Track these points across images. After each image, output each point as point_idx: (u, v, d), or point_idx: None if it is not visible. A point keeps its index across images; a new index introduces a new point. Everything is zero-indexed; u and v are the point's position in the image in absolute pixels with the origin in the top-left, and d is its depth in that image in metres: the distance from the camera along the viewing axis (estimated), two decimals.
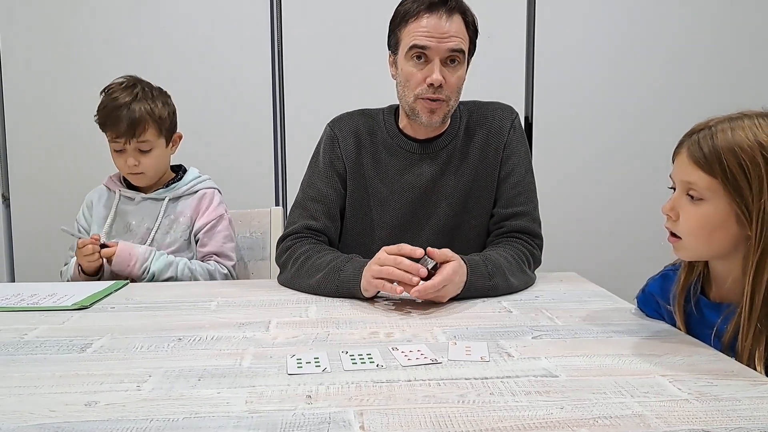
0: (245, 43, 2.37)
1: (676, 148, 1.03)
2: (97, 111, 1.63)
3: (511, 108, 1.55)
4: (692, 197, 0.98)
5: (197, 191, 1.72)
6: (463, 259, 1.26)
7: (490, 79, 2.33)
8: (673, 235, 1.02)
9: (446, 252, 1.23)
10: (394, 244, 1.23)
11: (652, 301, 1.15)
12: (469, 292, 1.26)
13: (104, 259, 1.58)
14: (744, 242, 0.96)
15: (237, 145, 2.40)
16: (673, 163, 1.04)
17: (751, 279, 0.94)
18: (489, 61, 2.35)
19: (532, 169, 1.54)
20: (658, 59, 2.46)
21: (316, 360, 0.91)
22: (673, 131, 2.47)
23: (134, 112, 1.58)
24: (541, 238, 1.49)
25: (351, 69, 2.38)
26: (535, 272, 1.45)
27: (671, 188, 1.04)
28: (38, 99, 2.35)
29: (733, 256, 0.99)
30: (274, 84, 2.40)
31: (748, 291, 0.94)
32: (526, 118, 2.47)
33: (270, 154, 2.42)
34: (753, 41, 2.47)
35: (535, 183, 1.53)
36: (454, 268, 1.21)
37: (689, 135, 1.00)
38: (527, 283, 1.39)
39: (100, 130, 1.64)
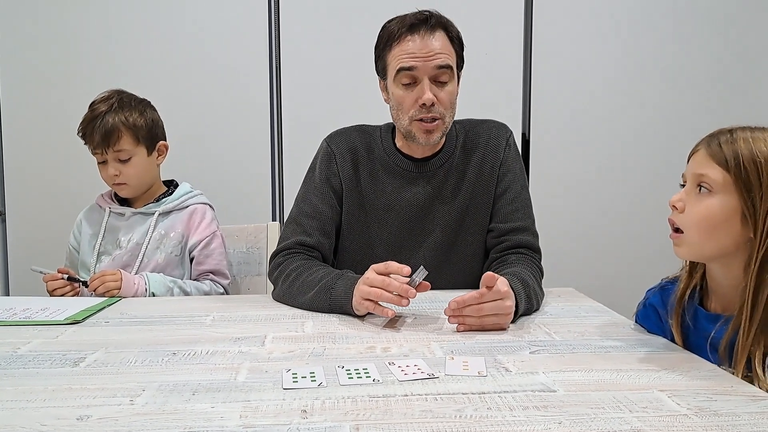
0: (242, 54, 2.38)
1: (693, 148, 1.04)
2: (79, 125, 1.63)
3: (505, 126, 1.56)
4: (701, 188, 0.99)
5: (188, 206, 1.71)
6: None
7: (487, 96, 2.35)
8: (675, 231, 1.03)
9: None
10: (389, 260, 1.21)
11: (653, 315, 1.14)
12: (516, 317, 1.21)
13: (83, 290, 1.57)
14: (745, 246, 0.97)
15: (234, 159, 2.40)
16: (687, 162, 1.05)
17: (753, 278, 0.95)
18: (486, 79, 2.38)
19: (527, 186, 1.55)
20: (655, 77, 2.48)
21: (312, 375, 0.90)
22: (669, 148, 2.50)
23: (107, 123, 1.58)
24: (541, 253, 1.50)
25: (349, 83, 2.38)
26: None
27: (682, 185, 1.05)
28: (35, 113, 2.35)
29: (733, 260, 0.99)
30: (272, 97, 2.40)
31: (751, 289, 0.95)
32: (523, 135, 2.48)
33: (267, 169, 2.42)
34: (750, 69, 2.49)
35: (530, 200, 1.53)
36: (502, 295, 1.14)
37: (709, 137, 1.02)
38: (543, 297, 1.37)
39: None
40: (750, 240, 0.96)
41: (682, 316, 1.08)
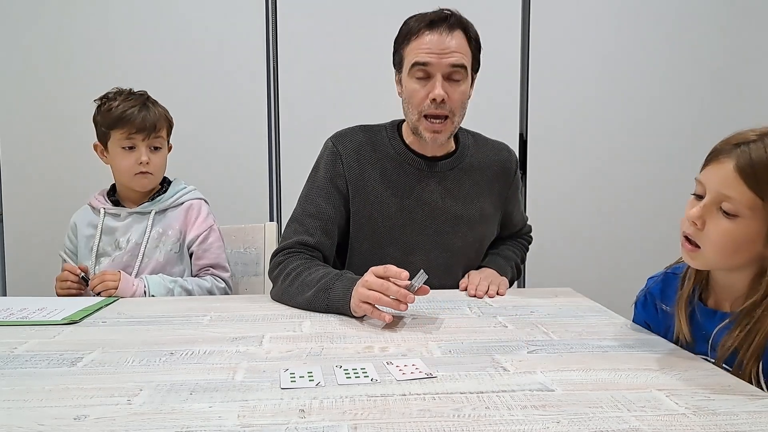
0: (240, 54, 2.38)
1: (715, 154, 0.96)
2: (105, 113, 1.61)
3: (514, 152, 1.65)
4: (726, 212, 0.93)
5: (183, 202, 1.71)
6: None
7: (485, 98, 2.33)
8: (689, 242, 0.98)
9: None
10: (404, 261, 1.21)
11: (651, 304, 1.14)
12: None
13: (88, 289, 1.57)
14: (760, 259, 0.95)
15: (231, 160, 2.40)
16: (703, 168, 0.98)
17: None
18: (484, 80, 2.36)
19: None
20: (652, 78, 2.48)
21: (310, 374, 0.90)
22: (667, 148, 2.50)
23: (154, 113, 1.63)
24: (531, 237, 1.80)
25: (347, 83, 2.39)
26: (530, 288, 1.46)
27: (695, 195, 0.99)
28: (32, 114, 2.35)
29: (741, 270, 0.98)
30: (270, 97, 2.40)
31: None
32: (521, 135, 2.48)
33: (264, 169, 2.42)
34: (749, 71, 2.50)
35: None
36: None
37: (735, 145, 0.94)
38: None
39: (97, 136, 1.66)
40: None
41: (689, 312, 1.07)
